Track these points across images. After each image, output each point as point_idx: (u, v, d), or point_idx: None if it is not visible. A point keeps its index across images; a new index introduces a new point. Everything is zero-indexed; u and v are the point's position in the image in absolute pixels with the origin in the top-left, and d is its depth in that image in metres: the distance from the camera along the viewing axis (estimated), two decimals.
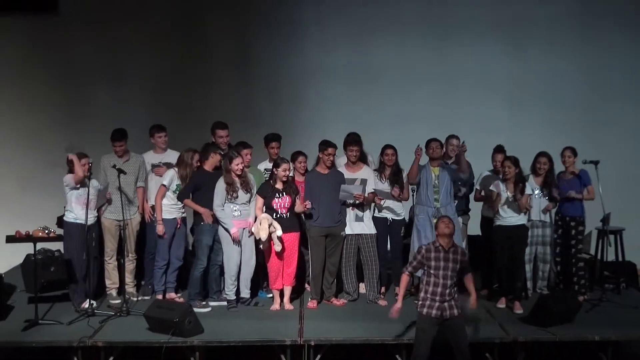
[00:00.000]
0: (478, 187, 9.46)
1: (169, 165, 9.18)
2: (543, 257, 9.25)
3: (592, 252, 10.05)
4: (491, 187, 8.79)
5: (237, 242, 8.59)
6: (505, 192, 8.59)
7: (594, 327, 7.96)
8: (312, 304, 8.86)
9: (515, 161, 8.65)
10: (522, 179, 8.66)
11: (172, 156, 9.30)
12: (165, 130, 9.44)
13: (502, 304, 8.77)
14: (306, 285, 9.36)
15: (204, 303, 8.72)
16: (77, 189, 8.52)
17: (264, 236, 8.41)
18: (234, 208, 8.61)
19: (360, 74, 12.16)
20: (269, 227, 8.45)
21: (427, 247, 7.10)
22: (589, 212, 9.17)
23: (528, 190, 8.64)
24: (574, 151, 9.16)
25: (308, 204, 8.68)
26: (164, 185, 8.85)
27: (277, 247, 8.54)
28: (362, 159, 9.19)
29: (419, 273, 7.86)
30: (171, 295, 9.05)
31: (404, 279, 7.21)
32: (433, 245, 7.06)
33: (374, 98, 12.12)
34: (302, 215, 8.92)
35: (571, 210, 9.09)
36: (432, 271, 7.00)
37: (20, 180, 11.87)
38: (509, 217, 8.64)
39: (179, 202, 8.90)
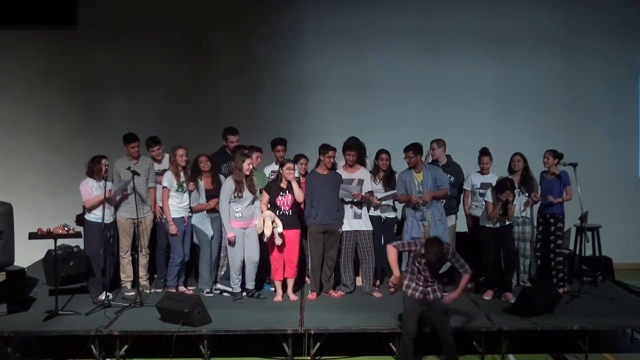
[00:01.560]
0: (466, 188, 9.50)
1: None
2: (524, 252, 9.26)
3: (571, 247, 10.10)
4: (485, 199, 8.77)
5: (233, 242, 8.65)
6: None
7: (572, 317, 8.01)
8: (312, 295, 8.91)
9: (512, 187, 8.63)
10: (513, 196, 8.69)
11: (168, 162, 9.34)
12: (160, 142, 9.45)
13: (488, 296, 8.82)
14: (306, 279, 9.41)
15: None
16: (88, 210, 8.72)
17: (267, 232, 8.49)
18: (237, 209, 8.64)
19: (356, 81, 12.20)
20: (272, 224, 8.56)
21: (416, 250, 7.15)
22: (568, 211, 9.23)
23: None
24: (555, 153, 9.18)
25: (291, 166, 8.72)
26: (166, 187, 8.90)
27: (278, 241, 8.61)
28: (360, 161, 9.22)
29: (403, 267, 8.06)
30: (180, 288, 9.11)
31: (392, 250, 7.32)
32: (421, 253, 7.11)
33: (369, 103, 12.17)
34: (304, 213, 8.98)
35: (552, 209, 9.15)
36: (415, 262, 7.16)
37: (41, 181, 11.95)
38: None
39: (185, 201, 8.97)
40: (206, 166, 9.03)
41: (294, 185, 8.71)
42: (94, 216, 8.63)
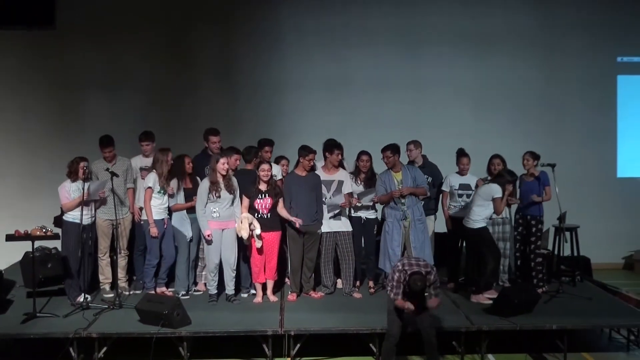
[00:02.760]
0: (445, 189, 9.52)
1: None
2: (503, 252, 9.28)
3: (550, 247, 10.17)
4: (496, 195, 8.60)
5: (211, 240, 8.62)
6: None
7: (551, 317, 8.07)
8: (291, 296, 8.90)
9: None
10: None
11: None
12: (153, 138, 9.45)
13: (483, 300, 8.73)
14: (286, 280, 9.41)
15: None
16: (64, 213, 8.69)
17: (245, 235, 8.48)
18: (214, 209, 8.60)
19: (336, 82, 12.24)
20: (249, 226, 8.55)
21: (403, 279, 7.09)
22: (547, 211, 9.27)
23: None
24: (534, 155, 9.25)
25: (300, 221, 8.65)
26: (150, 188, 8.80)
27: (258, 244, 8.62)
28: (339, 162, 9.24)
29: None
30: (162, 289, 9.04)
31: (400, 302, 7.09)
32: (406, 280, 7.09)
33: (349, 104, 12.20)
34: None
35: (531, 210, 9.20)
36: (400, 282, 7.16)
37: (19, 182, 11.90)
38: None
39: (166, 203, 8.93)
40: (190, 168, 9.03)
41: (285, 214, 8.74)
42: (71, 217, 8.58)
